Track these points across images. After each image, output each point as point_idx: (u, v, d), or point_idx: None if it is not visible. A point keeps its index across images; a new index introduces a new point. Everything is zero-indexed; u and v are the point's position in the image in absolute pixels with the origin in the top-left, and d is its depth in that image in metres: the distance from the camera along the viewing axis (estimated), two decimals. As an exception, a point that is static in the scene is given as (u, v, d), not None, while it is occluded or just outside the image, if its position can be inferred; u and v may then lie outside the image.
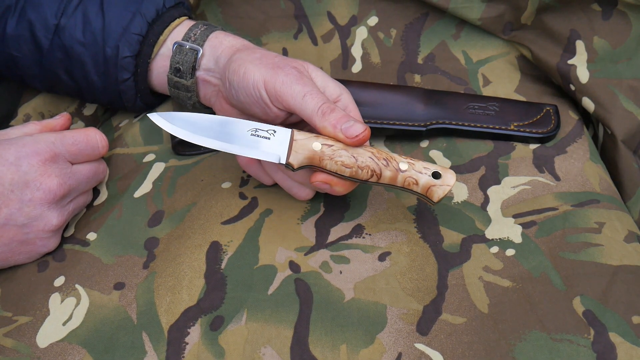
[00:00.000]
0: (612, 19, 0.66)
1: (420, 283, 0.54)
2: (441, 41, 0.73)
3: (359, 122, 0.54)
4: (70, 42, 0.62)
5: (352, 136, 0.53)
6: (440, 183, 0.53)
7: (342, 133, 0.53)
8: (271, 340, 0.51)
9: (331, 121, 0.53)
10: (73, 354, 0.51)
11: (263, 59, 0.56)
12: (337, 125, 0.53)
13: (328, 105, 0.54)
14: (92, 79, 0.63)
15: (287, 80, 0.54)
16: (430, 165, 0.54)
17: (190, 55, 0.61)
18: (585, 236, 0.57)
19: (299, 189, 0.58)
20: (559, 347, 0.50)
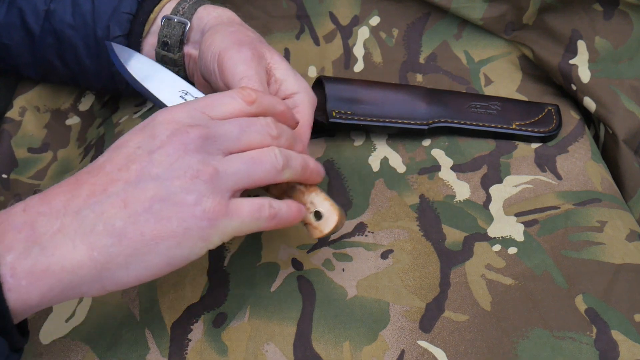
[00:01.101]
0: (614, 19, 0.66)
1: (423, 281, 0.54)
2: (443, 41, 0.73)
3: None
4: (60, 27, 0.61)
5: None
6: (316, 225, 0.49)
7: None
8: (274, 337, 0.51)
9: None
10: (76, 351, 0.51)
11: (234, 34, 0.55)
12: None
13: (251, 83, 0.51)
14: (85, 63, 0.62)
15: (236, 58, 0.52)
16: (320, 204, 0.49)
17: (178, 29, 0.60)
18: (587, 235, 0.57)
19: None
20: (562, 345, 0.50)
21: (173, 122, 0.44)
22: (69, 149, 0.68)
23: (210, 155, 0.43)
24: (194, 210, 0.42)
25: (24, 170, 0.65)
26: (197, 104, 0.46)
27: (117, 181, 0.42)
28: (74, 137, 0.69)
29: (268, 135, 0.46)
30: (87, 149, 0.67)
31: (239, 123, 0.46)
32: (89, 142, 0.68)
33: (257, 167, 0.45)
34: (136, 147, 0.43)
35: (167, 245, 0.42)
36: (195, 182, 0.42)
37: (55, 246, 0.40)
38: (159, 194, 0.42)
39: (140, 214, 0.41)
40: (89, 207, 0.41)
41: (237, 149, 0.45)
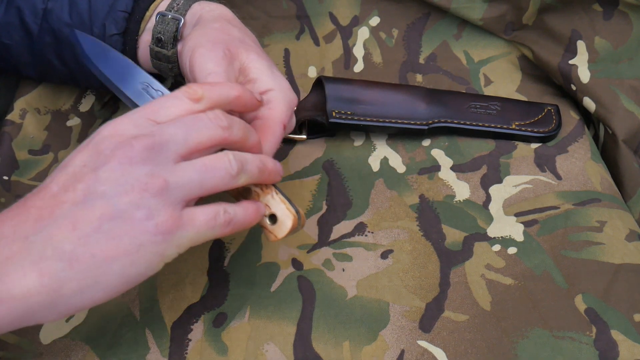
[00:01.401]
0: (614, 19, 0.66)
1: (423, 281, 0.54)
2: (443, 41, 0.74)
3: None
4: (58, 25, 0.61)
5: None
6: (271, 230, 0.48)
7: None
8: (274, 337, 0.51)
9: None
10: (76, 350, 0.51)
11: (213, 31, 0.54)
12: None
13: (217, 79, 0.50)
14: (83, 61, 0.62)
15: (207, 56, 0.51)
16: (276, 206, 0.48)
17: (172, 25, 0.59)
18: (587, 235, 0.57)
19: None
20: (561, 345, 0.50)
21: (117, 135, 0.41)
22: (70, 150, 0.68)
23: (158, 166, 0.41)
24: (145, 225, 0.40)
25: (25, 171, 0.65)
26: (143, 110, 0.43)
27: (64, 203, 0.40)
28: (75, 138, 0.69)
29: (218, 128, 0.44)
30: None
31: (183, 123, 0.43)
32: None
33: (210, 175, 0.43)
34: (82, 165, 0.41)
35: (121, 265, 0.40)
36: (144, 196, 0.40)
37: (5, 274, 0.38)
38: (107, 213, 0.40)
39: (90, 235, 0.39)
40: (37, 233, 0.39)
41: (187, 151, 0.43)
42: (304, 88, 0.71)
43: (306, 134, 0.66)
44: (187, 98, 0.44)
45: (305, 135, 0.66)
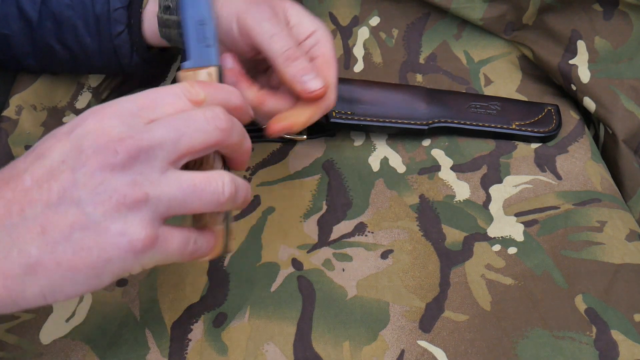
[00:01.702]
0: (614, 19, 0.66)
1: (423, 281, 0.54)
2: (443, 41, 0.74)
3: (319, 78, 0.52)
4: (58, 8, 0.61)
5: (308, 90, 0.52)
6: None
7: (300, 85, 0.52)
8: (274, 337, 0.51)
9: (292, 70, 0.51)
10: (76, 350, 0.51)
11: None
12: (297, 76, 0.52)
13: (294, 51, 0.52)
14: (86, 42, 0.61)
15: (259, 16, 0.52)
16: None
17: None
18: (587, 235, 0.57)
19: None
20: (562, 345, 0.50)
21: (102, 134, 0.38)
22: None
23: (141, 175, 0.38)
24: (118, 241, 0.37)
25: None
26: (135, 103, 0.40)
27: (37, 202, 0.37)
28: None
29: (216, 131, 0.40)
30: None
31: (175, 125, 0.39)
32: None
33: (196, 197, 0.39)
34: (60, 161, 0.38)
35: (85, 276, 0.38)
36: (120, 209, 0.37)
37: None
38: (80, 221, 0.37)
39: (59, 243, 0.37)
40: (4, 230, 0.37)
41: (177, 157, 0.39)
42: (304, 88, 0.71)
43: (306, 134, 0.66)
44: (188, 98, 0.41)
45: (305, 135, 0.66)
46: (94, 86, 0.70)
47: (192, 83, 0.42)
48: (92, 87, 0.70)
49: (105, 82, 0.71)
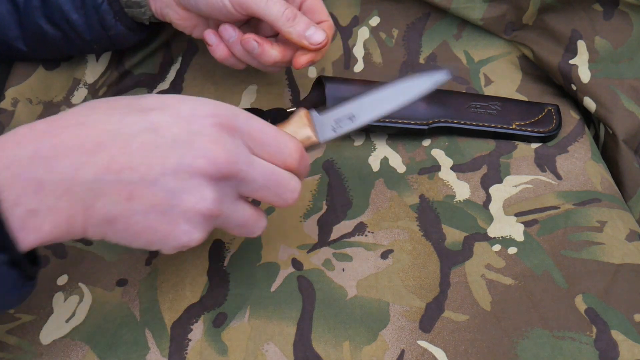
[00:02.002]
0: (614, 19, 0.66)
1: (423, 281, 0.54)
2: (443, 41, 0.73)
3: (320, 30, 0.58)
4: None
5: (315, 44, 0.58)
6: None
7: (306, 41, 0.58)
8: (274, 337, 0.51)
9: (295, 30, 0.58)
10: (76, 350, 0.51)
11: None
12: (301, 34, 0.58)
13: (290, 10, 0.57)
14: (73, 18, 0.62)
15: None
16: None
17: None
18: (587, 235, 0.57)
19: None
20: (562, 345, 0.50)
21: (217, 145, 0.43)
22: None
23: (225, 196, 0.44)
24: (180, 237, 0.44)
25: None
26: (257, 128, 0.46)
27: (135, 172, 0.41)
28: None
29: (290, 199, 0.47)
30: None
31: (269, 176, 0.46)
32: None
33: (243, 231, 0.48)
34: (170, 145, 0.42)
35: (142, 244, 0.44)
36: (196, 216, 0.43)
37: (57, 211, 0.41)
38: (161, 206, 0.42)
39: (137, 213, 0.42)
40: (99, 181, 0.41)
41: (253, 196, 0.46)
42: (304, 88, 0.71)
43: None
44: (294, 163, 0.47)
45: (305, 135, 0.66)
46: (90, 82, 0.70)
47: (304, 158, 0.48)
48: (88, 84, 0.70)
49: (101, 78, 0.71)
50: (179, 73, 0.72)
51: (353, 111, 0.52)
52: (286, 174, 0.47)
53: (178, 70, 0.73)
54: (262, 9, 0.57)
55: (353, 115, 0.52)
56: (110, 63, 0.72)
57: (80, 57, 0.71)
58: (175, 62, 0.73)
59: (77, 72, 0.70)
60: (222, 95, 0.70)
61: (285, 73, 0.72)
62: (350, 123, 0.52)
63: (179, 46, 0.74)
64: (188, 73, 0.72)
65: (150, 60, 0.73)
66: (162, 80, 0.72)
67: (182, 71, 0.72)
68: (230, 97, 0.70)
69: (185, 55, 0.73)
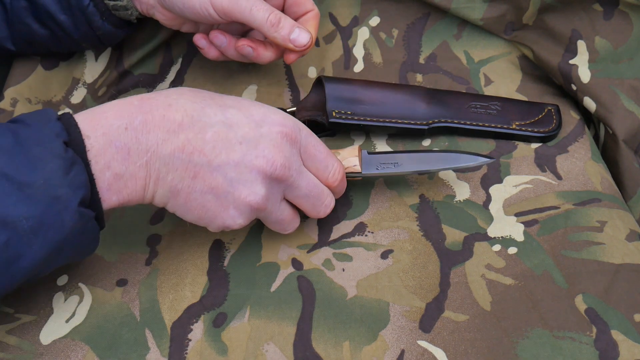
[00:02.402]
0: (614, 19, 0.66)
1: (423, 281, 0.54)
2: (443, 41, 0.73)
3: (304, 30, 0.61)
4: None
5: (300, 47, 0.62)
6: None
7: (291, 44, 0.61)
8: (274, 337, 0.51)
9: (280, 34, 0.61)
10: (76, 350, 0.51)
11: None
12: (286, 38, 0.61)
13: (275, 15, 0.60)
14: (60, 19, 0.63)
15: None
16: None
17: None
18: (587, 235, 0.57)
19: None
20: (562, 345, 0.50)
21: (278, 150, 0.50)
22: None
23: (272, 194, 0.51)
24: (225, 221, 0.51)
25: None
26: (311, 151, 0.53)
27: (204, 155, 0.48)
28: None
29: (317, 213, 0.54)
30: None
31: (313, 189, 0.53)
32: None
33: (278, 227, 0.54)
34: (239, 142, 0.49)
35: (194, 218, 0.51)
36: (246, 207, 0.50)
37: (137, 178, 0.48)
38: (219, 190, 0.49)
39: (196, 191, 0.49)
40: (174, 157, 0.48)
41: (293, 199, 0.53)
42: (304, 88, 0.71)
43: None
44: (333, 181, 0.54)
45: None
46: (89, 82, 0.70)
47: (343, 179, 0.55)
48: (87, 83, 0.70)
49: (100, 78, 0.71)
50: (179, 74, 0.72)
51: (398, 160, 0.58)
52: (325, 190, 0.54)
53: (178, 70, 0.73)
54: (247, 17, 0.60)
55: (397, 163, 0.58)
56: (109, 63, 0.72)
57: (79, 57, 0.71)
58: (176, 63, 0.73)
59: (76, 71, 0.70)
60: (222, 95, 0.70)
61: (285, 73, 0.72)
62: (393, 168, 0.58)
63: (179, 47, 0.74)
64: (188, 74, 0.72)
65: (150, 61, 0.73)
66: (162, 80, 0.72)
67: (182, 72, 0.72)
68: (230, 97, 0.70)
69: (185, 56, 0.73)
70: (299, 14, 0.65)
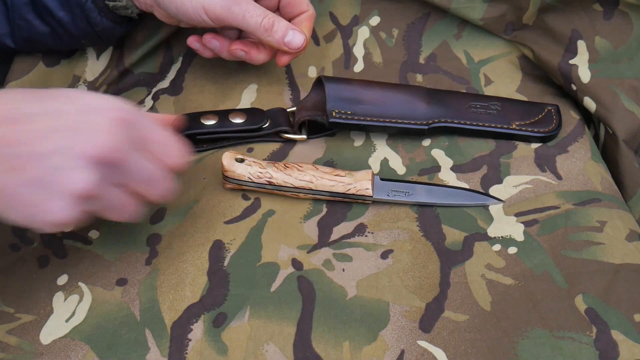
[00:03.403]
0: (614, 19, 0.66)
1: (423, 281, 0.54)
2: (443, 41, 0.73)
3: (297, 32, 0.62)
4: None
5: (294, 49, 0.63)
6: None
7: (286, 47, 0.62)
8: (274, 337, 0.51)
9: (274, 38, 0.62)
10: (76, 350, 0.51)
11: None
12: (280, 41, 0.62)
13: (268, 19, 0.61)
14: (59, 15, 0.63)
15: (224, 4, 0.60)
16: None
17: None
18: (587, 235, 0.57)
19: None
20: (562, 345, 0.50)
21: (107, 135, 0.46)
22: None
23: (103, 181, 0.47)
24: (55, 213, 0.46)
25: None
26: (148, 134, 0.49)
27: (28, 146, 0.44)
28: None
29: (153, 196, 0.51)
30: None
31: (150, 174, 0.49)
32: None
33: (117, 215, 0.50)
34: (66, 127, 0.45)
35: (19, 217, 0.46)
36: (73, 194, 0.45)
37: None
38: (42, 181, 0.45)
39: (18, 185, 0.45)
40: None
41: (128, 184, 0.49)
42: (304, 88, 0.71)
43: (306, 134, 0.66)
44: (173, 162, 0.51)
45: (305, 135, 0.66)
46: (90, 80, 0.70)
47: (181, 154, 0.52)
48: (87, 81, 0.70)
49: (101, 76, 0.71)
50: (179, 72, 0.72)
51: (410, 189, 0.60)
52: (161, 174, 0.50)
53: (179, 69, 0.73)
54: (240, 23, 0.61)
55: (409, 192, 0.59)
56: (110, 61, 0.72)
57: (80, 55, 0.71)
58: (176, 62, 0.73)
59: (77, 69, 0.70)
60: (222, 94, 0.70)
61: (285, 73, 0.72)
62: (404, 196, 0.59)
63: (180, 46, 0.74)
64: (188, 73, 0.72)
65: (151, 59, 0.73)
66: (162, 79, 0.72)
67: (182, 71, 0.72)
68: (230, 96, 0.70)
69: (186, 55, 0.73)
70: (293, 15, 0.65)
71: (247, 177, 0.59)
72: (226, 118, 0.65)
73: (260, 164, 0.59)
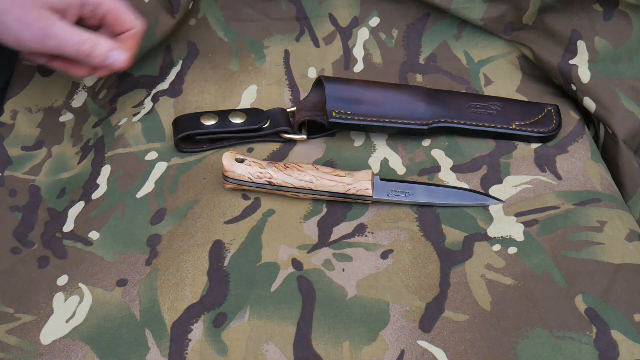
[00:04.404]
0: (614, 19, 0.66)
1: (423, 280, 0.54)
2: (443, 41, 0.74)
3: (120, 51, 0.61)
4: None
5: (117, 68, 0.62)
6: None
7: (112, 67, 0.62)
8: (274, 337, 0.51)
9: (96, 61, 0.61)
10: (76, 350, 0.51)
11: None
12: (105, 62, 0.61)
13: (87, 46, 0.60)
14: None
15: (37, 39, 0.59)
16: None
17: None
18: (587, 235, 0.57)
19: None
20: (561, 345, 0.50)
21: None
22: (63, 145, 0.68)
23: None
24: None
25: (19, 166, 0.65)
26: None
27: None
28: (68, 133, 0.69)
29: None
30: (85, 149, 0.67)
31: None
32: (86, 141, 0.68)
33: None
34: None
35: None
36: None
37: None
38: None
39: None
40: None
41: None
42: (304, 88, 0.71)
43: (306, 134, 0.66)
44: None
45: (305, 135, 0.66)
46: (89, 85, 0.71)
47: None
48: (87, 87, 0.71)
49: (100, 81, 0.71)
50: (179, 75, 0.72)
51: (410, 190, 0.59)
52: None
53: (178, 72, 0.73)
54: (60, 52, 0.60)
55: (409, 192, 0.59)
56: None
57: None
58: (176, 65, 0.73)
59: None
60: (222, 95, 0.70)
61: (285, 73, 0.72)
62: (403, 196, 0.59)
63: (179, 49, 0.74)
64: (188, 75, 0.72)
65: (150, 62, 0.73)
66: (162, 81, 0.72)
67: (182, 73, 0.72)
68: (230, 97, 0.70)
69: (185, 57, 0.73)
70: (117, 33, 0.64)
71: (247, 177, 0.59)
72: (226, 118, 0.65)
73: (260, 164, 0.59)
